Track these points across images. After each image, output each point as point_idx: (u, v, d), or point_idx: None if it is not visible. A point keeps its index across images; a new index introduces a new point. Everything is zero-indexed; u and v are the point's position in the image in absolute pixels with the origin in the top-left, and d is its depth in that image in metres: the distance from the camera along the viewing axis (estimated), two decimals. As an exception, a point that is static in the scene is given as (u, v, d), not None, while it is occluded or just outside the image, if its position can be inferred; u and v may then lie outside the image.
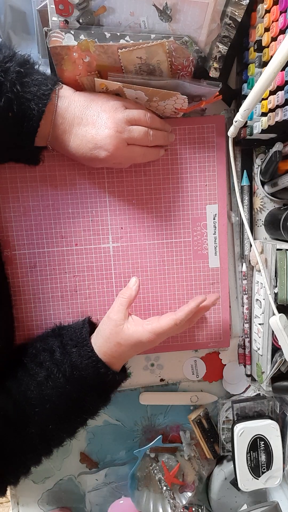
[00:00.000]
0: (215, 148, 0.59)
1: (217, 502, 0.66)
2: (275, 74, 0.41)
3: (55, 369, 0.49)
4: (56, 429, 0.50)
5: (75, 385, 0.49)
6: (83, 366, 0.49)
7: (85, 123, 0.49)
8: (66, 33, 0.48)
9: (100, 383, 0.50)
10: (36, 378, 0.49)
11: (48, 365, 0.49)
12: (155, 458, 0.66)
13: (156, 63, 0.50)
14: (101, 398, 0.52)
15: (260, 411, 0.62)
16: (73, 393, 0.49)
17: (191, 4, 0.47)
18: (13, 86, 0.45)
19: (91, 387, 0.50)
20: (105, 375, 0.50)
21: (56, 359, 0.49)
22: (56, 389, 0.48)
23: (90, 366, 0.49)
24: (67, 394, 0.49)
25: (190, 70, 0.51)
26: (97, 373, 0.49)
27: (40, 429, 0.49)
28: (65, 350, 0.50)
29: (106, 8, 0.48)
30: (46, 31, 0.48)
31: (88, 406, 0.51)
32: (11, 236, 0.57)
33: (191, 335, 0.62)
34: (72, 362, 0.49)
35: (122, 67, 0.50)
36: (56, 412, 0.49)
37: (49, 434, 0.50)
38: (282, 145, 0.54)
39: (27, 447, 0.49)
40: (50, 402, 0.48)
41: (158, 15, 0.49)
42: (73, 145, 0.50)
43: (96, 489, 0.66)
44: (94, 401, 0.51)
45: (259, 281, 0.58)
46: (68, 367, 0.49)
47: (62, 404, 0.49)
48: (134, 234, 0.60)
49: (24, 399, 0.48)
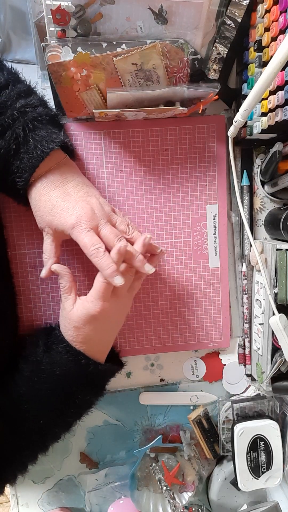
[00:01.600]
0: (215, 148, 0.59)
1: (217, 502, 0.66)
2: (275, 74, 0.41)
3: (38, 366, 0.49)
4: (49, 424, 0.50)
5: (60, 381, 0.48)
6: (63, 361, 0.48)
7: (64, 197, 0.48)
8: (64, 46, 0.48)
9: (85, 375, 0.49)
10: (23, 373, 0.49)
11: (32, 360, 0.49)
12: (155, 458, 0.66)
13: (152, 67, 0.50)
14: (91, 390, 0.51)
15: (260, 411, 0.63)
16: (61, 389, 0.49)
17: (186, 5, 0.48)
18: (26, 126, 0.46)
19: (76, 380, 0.49)
20: (86, 365, 0.49)
21: (38, 355, 0.49)
22: (43, 385, 0.48)
23: (70, 360, 0.48)
24: (55, 390, 0.49)
25: (186, 71, 0.51)
26: (78, 365, 0.49)
27: (33, 425, 0.49)
28: (47, 347, 0.50)
29: (103, 14, 0.48)
30: (44, 46, 0.48)
31: (79, 400, 0.50)
32: (11, 236, 0.57)
33: (191, 335, 0.62)
34: (52, 359, 0.49)
35: (119, 76, 0.50)
36: (47, 408, 0.49)
37: (43, 429, 0.49)
38: (282, 145, 0.54)
39: (22, 444, 0.49)
40: (39, 397, 0.48)
41: (154, 18, 0.49)
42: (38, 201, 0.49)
43: (96, 489, 0.66)
44: (85, 395, 0.51)
45: (259, 281, 0.58)
46: (48, 364, 0.49)
47: (52, 400, 0.49)
48: (134, 234, 0.60)
49: (16, 395, 0.48)
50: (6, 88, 0.47)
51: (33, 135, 0.47)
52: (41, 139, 0.47)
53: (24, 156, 0.47)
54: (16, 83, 0.48)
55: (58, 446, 0.64)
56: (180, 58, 0.50)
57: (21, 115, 0.46)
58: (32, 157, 0.46)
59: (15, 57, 0.57)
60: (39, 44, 0.54)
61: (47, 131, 0.48)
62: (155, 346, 0.62)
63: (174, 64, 0.51)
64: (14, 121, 0.46)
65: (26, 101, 0.47)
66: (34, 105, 0.48)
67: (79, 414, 0.53)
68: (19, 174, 0.47)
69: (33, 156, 0.46)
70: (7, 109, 0.46)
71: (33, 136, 0.47)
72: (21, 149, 0.47)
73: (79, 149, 0.57)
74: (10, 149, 0.46)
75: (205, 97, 0.53)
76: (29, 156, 0.47)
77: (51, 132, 0.48)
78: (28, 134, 0.47)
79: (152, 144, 0.58)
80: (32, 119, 0.47)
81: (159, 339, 0.62)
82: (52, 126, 0.49)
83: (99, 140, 0.57)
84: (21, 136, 0.46)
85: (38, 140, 0.47)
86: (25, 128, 0.46)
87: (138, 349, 0.62)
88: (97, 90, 0.51)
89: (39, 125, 0.47)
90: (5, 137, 0.46)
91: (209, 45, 0.51)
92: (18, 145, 0.47)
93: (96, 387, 0.52)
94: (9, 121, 0.46)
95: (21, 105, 0.47)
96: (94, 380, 0.51)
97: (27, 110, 0.47)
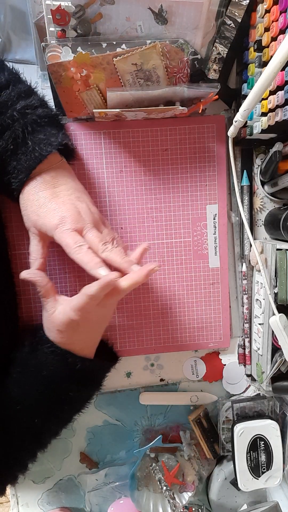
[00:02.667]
0: (215, 148, 0.59)
1: (217, 502, 0.66)
2: (275, 74, 0.41)
3: (26, 367, 0.49)
4: (45, 422, 0.50)
5: (48, 381, 0.48)
6: (48, 361, 0.48)
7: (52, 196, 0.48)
8: (64, 46, 0.48)
9: (73, 373, 0.49)
10: (12, 375, 0.49)
11: (19, 362, 0.49)
12: (155, 458, 0.66)
13: (152, 67, 0.50)
14: (83, 387, 0.51)
15: (260, 411, 0.63)
16: (50, 388, 0.48)
17: (186, 5, 0.48)
18: (25, 128, 0.46)
19: (65, 379, 0.49)
20: (73, 363, 0.48)
21: (24, 357, 0.49)
22: (32, 386, 0.48)
23: (56, 360, 0.48)
24: (44, 390, 0.48)
25: (186, 71, 0.51)
26: (65, 364, 0.48)
27: (28, 425, 0.48)
28: (32, 348, 0.50)
29: (102, 14, 0.48)
30: (44, 46, 0.48)
31: (71, 398, 0.50)
32: (11, 236, 0.57)
33: (191, 335, 0.62)
34: (37, 360, 0.48)
35: (119, 76, 0.50)
36: (40, 407, 0.49)
37: (38, 429, 0.49)
38: (282, 145, 0.54)
39: (19, 444, 0.49)
40: (31, 398, 0.48)
41: (154, 18, 0.49)
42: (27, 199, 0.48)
43: (96, 489, 0.66)
44: (77, 391, 0.50)
45: (259, 281, 0.58)
46: (33, 366, 0.48)
47: (43, 399, 0.48)
48: (134, 234, 0.60)
49: (7, 397, 0.48)
50: (7, 88, 0.47)
51: (32, 137, 0.47)
52: (39, 142, 0.47)
53: (22, 157, 0.47)
54: (16, 83, 0.48)
55: (58, 446, 0.64)
56: (180, 58, 0.50)
57: (21, 116, 0.46)
58: (29, 159, 0.46)
59: (15, 57, 0.57)
60: (39, 44, 0.54)
61: (45, 134, 0.48)
62: (155, 346, 0.62)
63: (174, 64, 0.51)
64: (14, 122, 0.46)
65: (26, 102, 0.47)
66: (34, 106, 0.48)
67: (75, 410, 0.52)
68: (14, 175, 0.47)
69: (30, 158, 0.46)
70: (7, 109, 0.46)
71: (31, 139, 0.47)
72: (19, 150, 0.47)
73: (79, 149, 0.57)
74: (8, 149, 0.46)
75: (205, 97, 0.53)
76: (26, 157, 0.47)
77: (49, 135, 0.48)
78: (27, 136, 0.47)
79: (152, 144, 0.58)
80: (31, 121, 0.47)
81: (159, 339, 0.62)
82: (51, 128, 0.49)
83: (99, 140, 0.57)
84: (20, 137, 0.46)
85: (36, 142, 0.47)
86: (24, 130, 0.46)
87: (138, 349, 0.62)
88: (97, 90, 0.52)
89: (38, 128, 0.48)
90: (3, 137, 0.46)
91: (209, 45, 0.51)
92: (16, 145, 0.47)
93: (88, 383, 0.52)
94: (9, 121, 0.46)
95: (22, 106, 0.47)
96: (83, 377, 0.50)
97: (27, 111, 0.47)
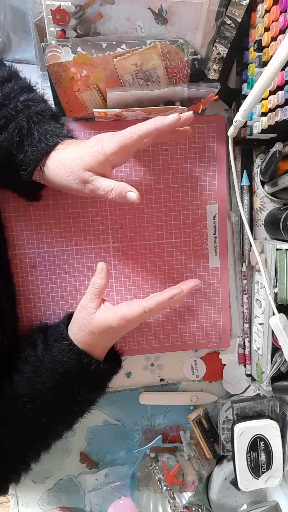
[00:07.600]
0: (215, 148, 0.59)
1: (217, 502, 0.66)
2: (275, 74, 0.42)
3: (39, 365, 0.49)
4: (52, 423, 0.50)
5: (61, 379, 0.48)
6: (65, 359, 0.48)
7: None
8: (64, 46, 0.48)
9: (86, 373, 0.49)
10: (23, 374, 0.49)
11: (32, 360, 0.49)
12: (155, 458, 0.66)
13: (152, 67, 0.50)
14: (93, 388, 0.51)
15: (260, 411, 0.62)
16: (62, 387, 0.49)
17: (186, 5, 0.48)
18: (30, 118, 0.46)
19: (78, 378, 0.49)
20: (89, 364, 0.49)
21: (38, 355, 0.49)
22: (44, 384, 0.48)
23: (72, 358, 0.48)
24: (56, 388, 0.49)
25: (186, 72, 0.51)
26: (81, 363, 0.49)
27: (35, 425, 0.49)
28: (47, 345, 0.50)
29: (102, 14, 0.48)
30: (44, 46, 0.48)
31: (81, 398, 0.50)
32: (11, 236, 0.57)
33: (191, 335, 0.62)
34: (53, 357, 0.49)
35: (119, 76, 0.50)
36: (48, 407, 0.49)
37: (45, 428, 0.49)
38: (282, 145, 0.54)
39: (25, 444, 0.49)
40: (41, 398, 0.48)
41: (154, 18, 0.49)
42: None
43: (96, 489, 0.66)
44: (86, 392, 0.51)
45: (259, 281, 0.58)
46: (50, 362, 0.48)
47: (53, 399, 0.49)
48: (134, 234, 0.59)
49: (16, 396, 0.48)
50: (9, 82, 0.47)
51: (37, 127, 0.46)
52: (45, 132, 0.46)
53: (28, 149, 0.46)
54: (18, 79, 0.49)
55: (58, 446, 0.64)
56: (180, 58, 0.50)
57: (25, 107, 0.46)
58: (36, 150, 0.46)
59: (15, 57, 0.57)
60: (39, 44, 0.54)
61: (50, 125, 0.47)
62: (155, 346, 0.62)
63: (174, 64, 0.51)
64: (17, 113, 0.46)
65: (29, 95, 0.47)
66: (37, 100, 0.48)
67: (81, 412, 0.53)
68: (23, 167, 0.47)
69: (37, 149, 0.46)
70: (10, 100, 0.46)
71: (37, 129, 0.46)
72: (24, 141, 0.46)
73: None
74: (14, 141, 0.46)
75: (205, 97, 0.53)
76: (33, 149, 0.46)
77: (54, 127, 0.48)
78: (33, 126, 0.46)
79: (152, 144, 0.58)
80: (36, 112, 0.47)
81: (159, 339, 0.62)
82: (55, 122, 0.49)
83: (99, 140, 0.57)
84: (25, 128, 0.46)
85: (42, 133, 0.46)
86: (29, 121, 0.46)
87: (138, 349, 0.62)
88: (97, 90, 0.52)
89: (43, 119, 0.47)
90: (8, 129, 0.46)
91: (209, 45, 0.51)
92: (22, 137, 0.46)
93: (97, 385, 0.52)
94: (13, 113, 0.46)
95: (25, 98, 0.46)
96: (95, 379, 0.51)
97: (31, 104, 0.47)
